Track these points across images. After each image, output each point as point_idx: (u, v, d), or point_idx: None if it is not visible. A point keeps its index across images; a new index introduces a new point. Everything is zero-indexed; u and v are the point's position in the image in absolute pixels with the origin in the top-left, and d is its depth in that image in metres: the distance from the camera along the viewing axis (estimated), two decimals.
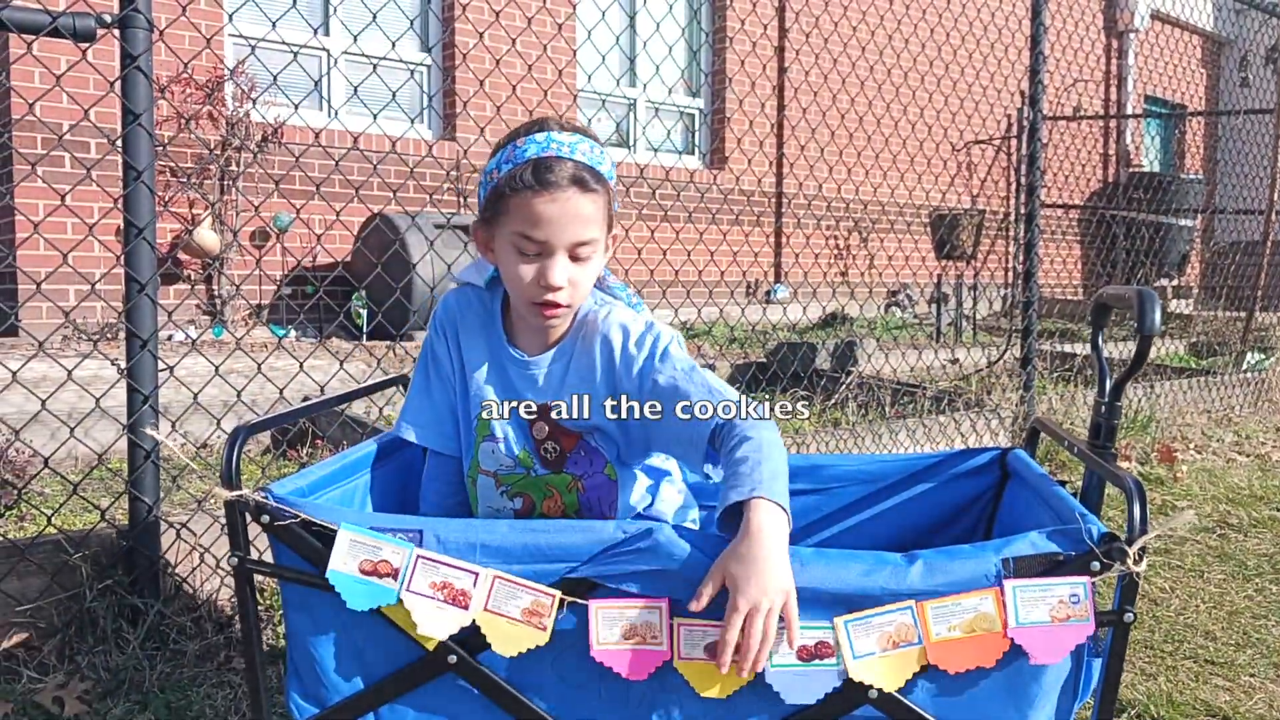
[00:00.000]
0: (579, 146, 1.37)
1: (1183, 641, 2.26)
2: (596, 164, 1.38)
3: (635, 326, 1.45)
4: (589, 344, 1.46)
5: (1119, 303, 1.55)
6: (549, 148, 1.36)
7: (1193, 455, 4.13)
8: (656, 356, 1.41)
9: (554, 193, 1.34)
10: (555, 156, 1.35)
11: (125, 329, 2.02)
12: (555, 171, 1.34)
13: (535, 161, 1.35)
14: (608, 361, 1.44)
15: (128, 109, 1.99)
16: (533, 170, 1.34)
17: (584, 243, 1.37)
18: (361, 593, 1.22)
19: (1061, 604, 1.15)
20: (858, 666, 1.15)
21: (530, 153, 1.36)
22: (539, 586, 1.20)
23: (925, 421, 3.68)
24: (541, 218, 1.35)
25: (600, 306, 1.49)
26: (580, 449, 1.48)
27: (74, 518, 2.76)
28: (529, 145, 1.37)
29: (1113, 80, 11.36)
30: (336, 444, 3.37)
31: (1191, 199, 10.07)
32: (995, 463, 1.69)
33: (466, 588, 1.21)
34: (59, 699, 1.81)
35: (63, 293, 5.05)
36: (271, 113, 5.45)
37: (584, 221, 1.36)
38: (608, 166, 1.41)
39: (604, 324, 1.46)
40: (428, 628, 1.21)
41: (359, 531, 1.24)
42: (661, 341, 1.43)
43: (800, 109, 7.87)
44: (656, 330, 1.45)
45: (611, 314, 1.47)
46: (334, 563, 1.23)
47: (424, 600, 1.21)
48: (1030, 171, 4.07)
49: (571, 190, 1.34)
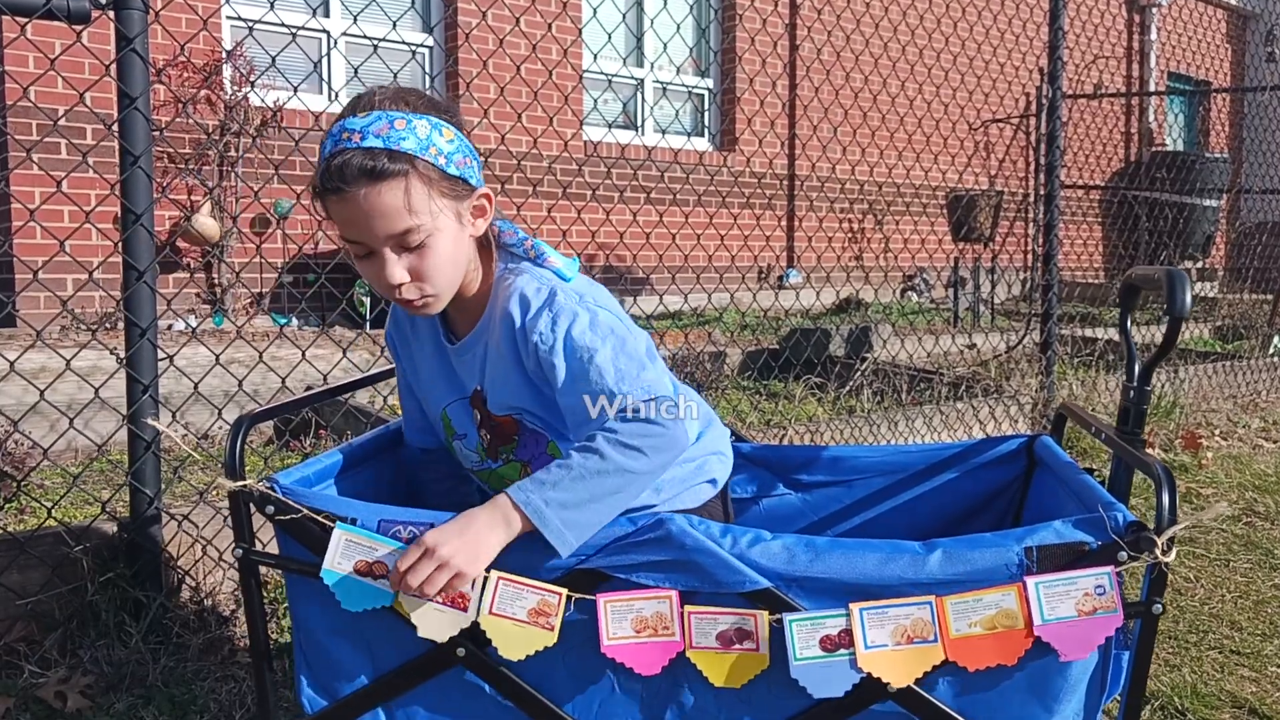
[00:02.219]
0: (372, 128, 1.24)
1: (1208, 631, 2.25)
2: (394, 142, 1.24)
3: (534, 300, 1.33)
4: (500, 318, 1.37)
5: (1148, 284, 1.53)
6: (340, 140, 1.25)
7: (1218, 442, 4.11)
8: (554, 343, 1.30)
9: (344, 194, 1.24)
10: (342, 150, 1.24)
11: (124, 318, 2.02)
12: (342, 170, 1.23)
13: (328, 160, 1.25)
14: (510, 338, 1.35)
15: (124, 93, 1.98)
16: (324, 172, 1.25)
17: (401, 233, 1.26)
18: (356, 593, 1.22)
19: (1087, 596, 1.14)
20: (868, 657, 1.15)
21: (326, 149, 1.27)
22: (545, 585, 1.20)
23: (943, 409, 3.66)
24: (344, 220, 1.27)
25: (505, 274, 1.39)
26: (523, 432, 1.43)
27: (74, 510, 2.77)
28: (327, 140, 1.28)
29: (1134, 56, 11.26)
30: (340, 434, 3.37)
31: (1216, 178, 9.98)
32: (1022, 451, 1.68)
33: (465, 590, 1.20)
34: (61, 694, 1.82)
35: (60, 282, 5.06)
36: (270, 96, 5.44)
37: (388, 214, 1.25)
38: (417, 138, 1.26)
39: (505, 298, 1.36)
40: (428, 630, 1.21)
41: (354, 531, 1.23)
42: (560, 325, 1.30)
43: (812, 87, 7.82)
44: (557, 306, 1.31)
45: (514, 284, 1.36)
46: (328, 562, 1.23)
47: (422, 602, 1.21)
48: (1050, 151, 4.03)
49: (362, 186, 1.23)
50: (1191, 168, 9.69)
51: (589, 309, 1.32)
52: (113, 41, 2.01)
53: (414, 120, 1.27)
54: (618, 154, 6.93)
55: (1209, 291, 8.46)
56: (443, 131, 1.29)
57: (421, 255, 1.29)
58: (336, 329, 5.62)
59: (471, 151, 1.34)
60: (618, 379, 1.26)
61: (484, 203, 1.36)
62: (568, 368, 1.29)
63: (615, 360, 1.28)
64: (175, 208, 5.59)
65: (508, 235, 1.42)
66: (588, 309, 1.31)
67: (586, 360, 1.27)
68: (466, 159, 1.32)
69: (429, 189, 1.27)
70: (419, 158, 1.26)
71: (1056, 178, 4.02)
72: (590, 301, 1.33)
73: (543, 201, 6.45)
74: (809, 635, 1.16)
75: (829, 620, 1.16)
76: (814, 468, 1.73)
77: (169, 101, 5.41)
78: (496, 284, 1.39)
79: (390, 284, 1.29)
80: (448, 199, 1.29)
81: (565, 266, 1.39)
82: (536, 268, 1.38)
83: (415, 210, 1.26)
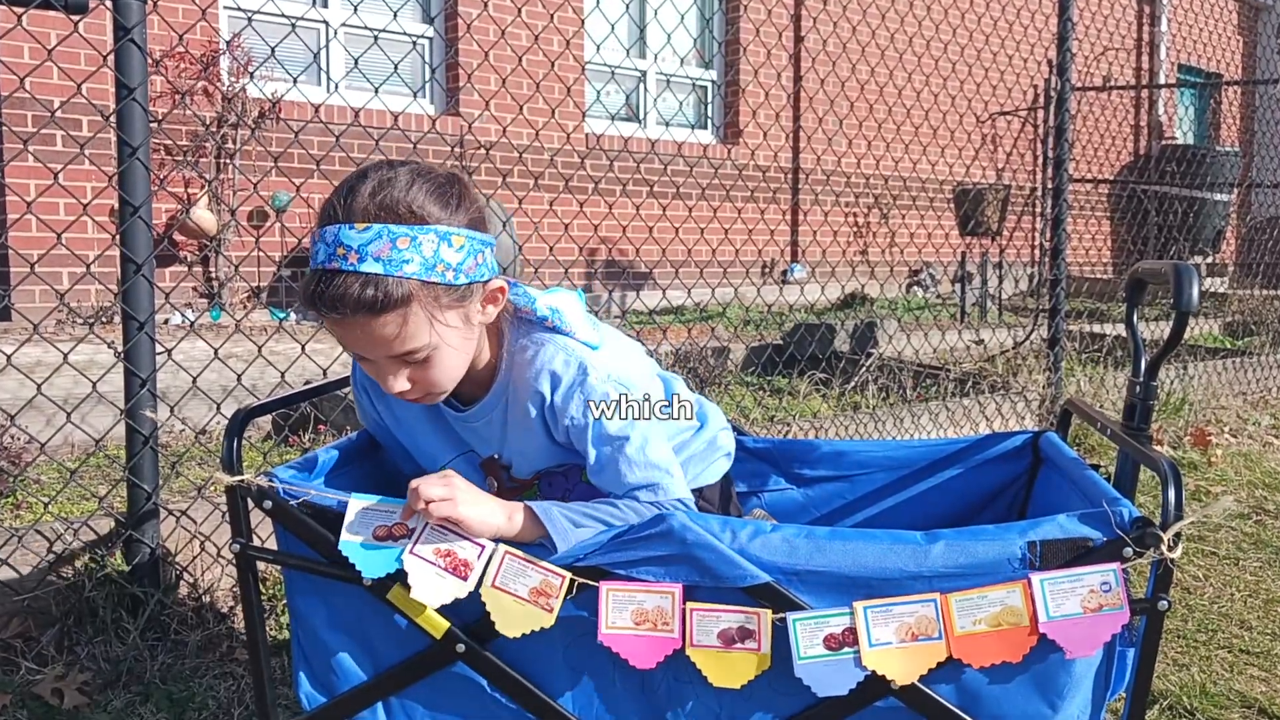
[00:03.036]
0: (371, 249, 1.14)
1: (1217, 631, 2.25)
2: (396, 267, 1.15)
3: (564, 377, 1.31)
4: (521, 390, 1.34)
5: (1155, 278, 1.53)
6: (334, 255, 1.15)
7: (1227, 439, 4.10)
8: (585, 428, 1.31)
9: (341, 320, 1.18)
10: (337, 271, 1.15)
11: (121, 311, 2.03)
12: (339, 299, 1.15)
13: (319, 277, 1.16)
14: (539, 414, 1.35)
15: (121, 83, 1.98)
16: (313, 290, 1.16)
17: (402, 355, 1.22)
18: (376, 560, 1.22)
19: (1093, 593, 1.14)
20: (872, 655, 1.15)
21: (319, 258, 1.17)
22: (549, 566, 1.20)
23: (948, 405, 3.66)
24: (343, 340, 1.23)
25: (524, 345, 1.34)
26: (545, 480, 1.44)
27: (71, 505, 2.78)
28: (318, 247, 1.17)
29: (1144, 48, 11.23)
30: (340, 429, 3.38)
31: (1227, 172, 9.96)
32: (1027, 447, 1.68)
33: (470, 559, 1.21)
34: (58, 690, 1.82)
35: (56, 275, 5.07)
36: (269, 87, 5.44)
37: (389, 341, 1.19)
38: (422, 258, 1.16)
39: (530, 373, 1.33)
40: (422, 593, 1.20)
41: (370, 499, 1.25)
42: (592, 411, 1.30)
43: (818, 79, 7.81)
44: (589, 388, 1.31)
45: (538, 357, 1.32)
46: (346, 534, 1.23)
47: (425, 566, 1.21)
48: (1058, 144, 4.03)
49: (361, 317, 1.16)
50: (1202, 162, 9.67)
51: (618, 386, 1.32)
52: (110, 32, 2.01)
53: (419, 236, 1.17)
54: (621, 147, 6.94)
55: (1219, 287, 8.44)
56: (451, 241, 1.20)
57: (425, 367, 1.25)
58: None
59: (484, 243, 1.26)
60: (645, 470, 1.32)
61: (497, 293, 1.29)
62: (598, 454, 1.32)
63: (644, 449, 1.32)
64: (173, 200, 5.59)
65: (523, 311, 1.36)
66: (617, 387, 1.32)
67: (616, 449, 1.31)
68: (479, 258, 1.24)
69: (434, 311, 1.20)
70: (424, 282, 1.18)
71: (1065, 171, 4.02)
72: (619, 378, 1.33)
73: (544, 195, 6.45)
74: (813, 634, 1.16)
75: (833, 619, 1.16)
76: (816, 462, 1.74)
77: (166, 93, 5.41)
78: (512, 354, 1.35)
79: (393, 391, 1.26)
80: (454, 309, 1.23)
81: (588, 332, 1.36)
82: (560, 337, 1.34)
83: (417, 335, 1.20)
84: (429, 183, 1.21)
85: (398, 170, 1.21)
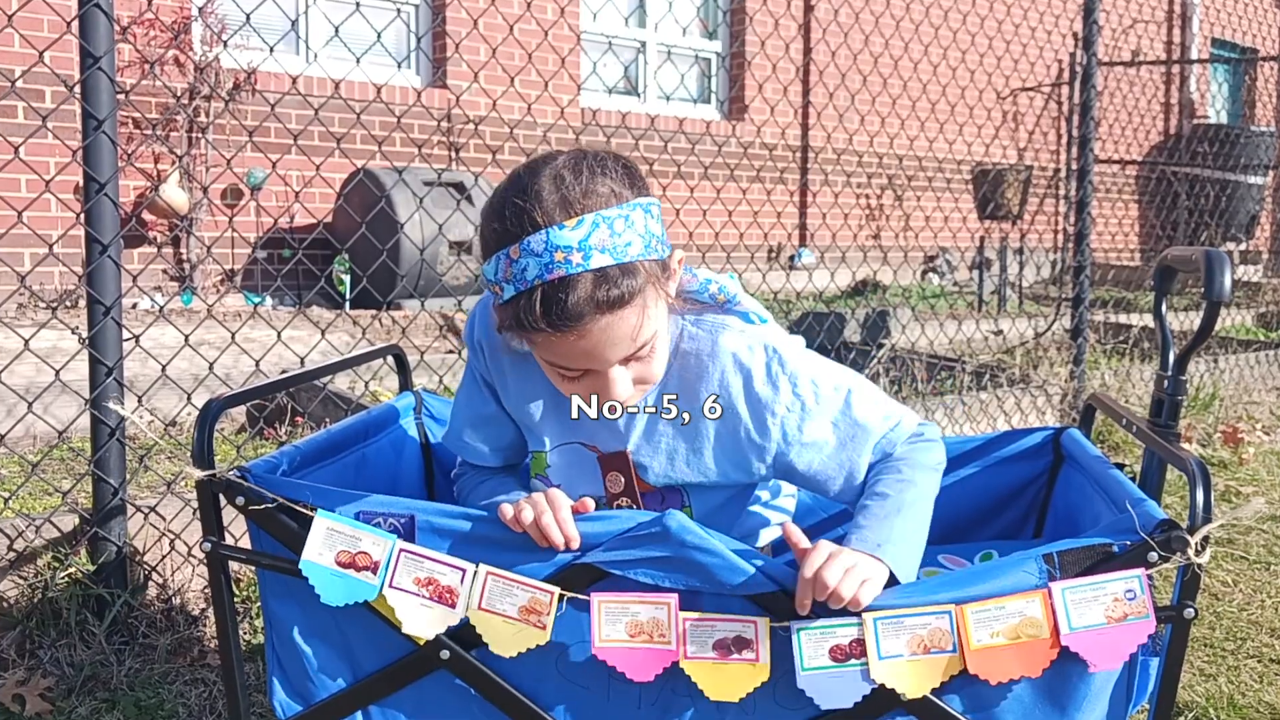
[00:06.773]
0: (593, 240, 1.12)
1: (1246, 639, 2.26)
2: (622, 253, 1.13)
3: (755, 364, 1.28)
4: (691, 383, 1.30)
5: (1185, 265, 1.53)
6: (553, 265, 1.11)
7: (1260, 437, 4.11)
8: (805, 408, 1.28)
9: (579, 330, 1.13)
10: (564, 278, 1.11)
11: (87, 295, 2.02)
12: (572, 305, 1.11)
13: (543, 292, 1.11)
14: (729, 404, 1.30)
15: (86, 51, 1.98)
16: (542, 308, 1.12)
17: (638, 349, 1.19)
18: (338, 587, 1.22)
19: (1117, 601, 1.14)
20: (882, 668, 1.15)
21: (531, 274, 1.12)
22: (536, 583, 1.20)
23: (965, 399, 3.67)
24: (574, 354, 1.18)
25: (696, 331, 1.31)
26: (657, 495, 1.38)
27: (33, 501, 2.78)
28: (527, 262, 1.12)
29: (1175, 21, 11.20)
30: (318, 421, 3.38)
31: (1262, 154, 9.96)
32: (1048, 444, 1.68)
33: (454, 584, 1.21)
34: (19, 696, 1.83)
35: (17, 256, 5.06)
36: (244, 57, 5.42)
37: (628, 337, 1.17)
38: (638, 235, 1.15)
39: (712, 358, 1.29)
40: (413, 626, 1.22)
41: (337, 520, 1.24)
42: (803, 390, 1.28)
43: (829, 52, 7.79)
44: (790, 369, 1.28)
45: (715, 344, 1.29)
46: (308, 553, 1.23)
47: (408, 597, 1.21)
48: (1083, 123, 4.03)
49: (601, 318, 1.13)
50: (1236, 142, 9.66)
51: (808, 357, 1.32)
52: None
53: (629, 214, 1.15)
54: (618, 122, 6.92)
55: (1253, 276, 8.45)
56: (652, 210, 1.18)
57: (647, 361, 1.23)
58: (314, 309, 5.62)
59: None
60: (883, 415, 1.32)
61: (677, 266, 1.26)
62: (834, 426, 1.31)
63: (868, 397, 1.33)
64: (141, 177, 5.58)
65: (688, 281, 1.32)
66: (808, 359, 1.32)
67: (850, 415, 1.31)
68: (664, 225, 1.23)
69: (656, 291, 1.19)
70: (646, 261, 1.16)
71: (1090, 151, 4.01)
72: (799, 345, 1.34)
73: None
74: (818, 644, 1.16)
75: (839, 629, 1.16)
76: None
77: (134, 62, 5.39)
78: (677, 339, 1.31)
79: (617, 400, 1.22)
80: (662, 288, 1.21)
81: (754, 306, 1.33)
82: (732, 318, 1.32)
83: (651, 321, 1.19)
84: (595, 161, 1.19)
85: (556, 160, 1.18)
